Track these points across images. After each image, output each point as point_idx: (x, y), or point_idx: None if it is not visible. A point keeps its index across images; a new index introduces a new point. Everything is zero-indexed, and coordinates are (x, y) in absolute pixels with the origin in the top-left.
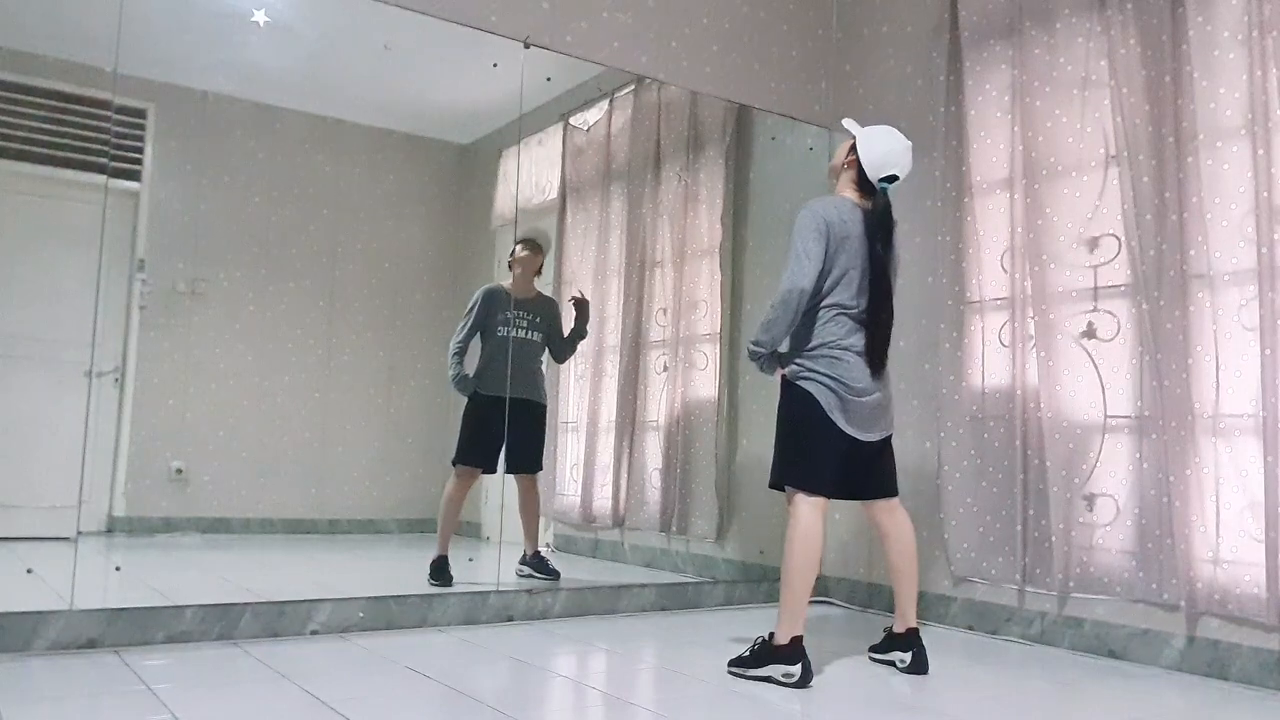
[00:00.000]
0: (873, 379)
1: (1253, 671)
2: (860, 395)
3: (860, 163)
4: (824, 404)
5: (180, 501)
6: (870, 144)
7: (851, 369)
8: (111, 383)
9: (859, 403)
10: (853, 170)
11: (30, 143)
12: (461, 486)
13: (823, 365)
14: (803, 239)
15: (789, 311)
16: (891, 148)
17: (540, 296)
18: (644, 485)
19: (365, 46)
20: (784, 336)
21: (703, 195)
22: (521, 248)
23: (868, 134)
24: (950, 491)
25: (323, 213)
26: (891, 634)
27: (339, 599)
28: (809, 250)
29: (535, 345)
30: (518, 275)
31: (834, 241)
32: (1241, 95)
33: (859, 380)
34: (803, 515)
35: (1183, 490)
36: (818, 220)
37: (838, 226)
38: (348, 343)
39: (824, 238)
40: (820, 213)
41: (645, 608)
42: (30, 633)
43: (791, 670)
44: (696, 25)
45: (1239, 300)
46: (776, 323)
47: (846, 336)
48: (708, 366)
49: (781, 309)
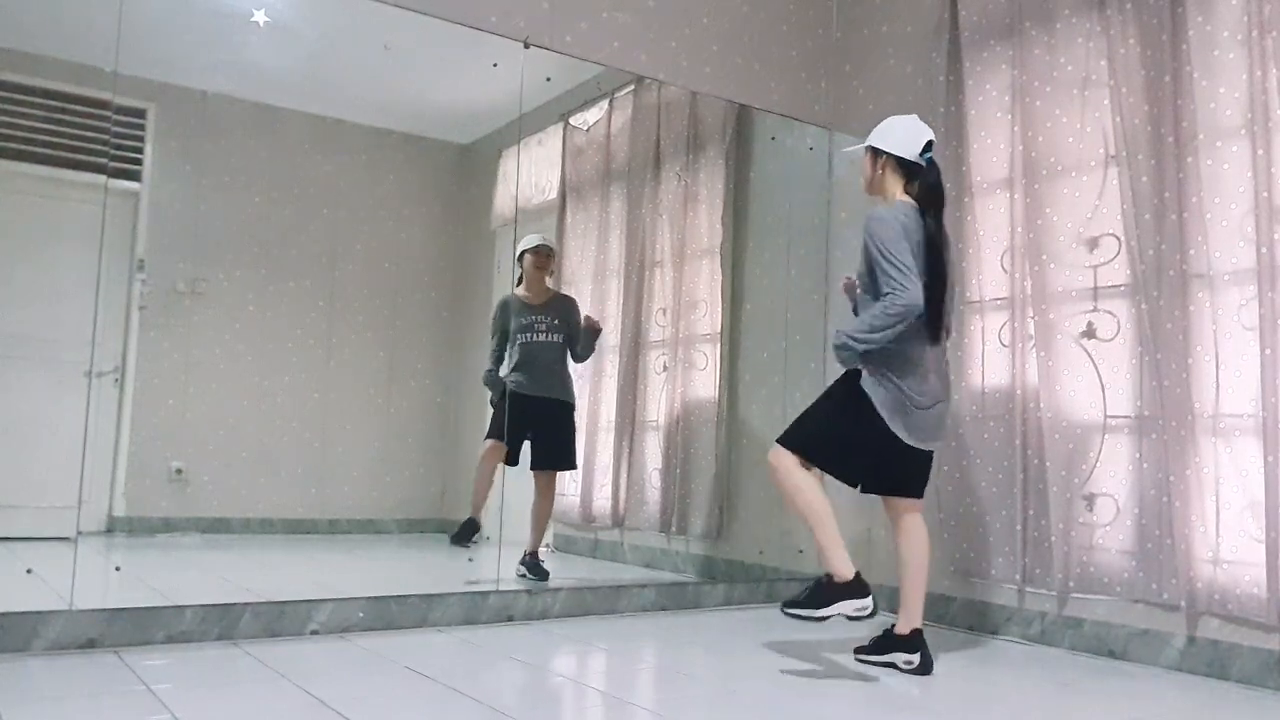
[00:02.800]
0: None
1: (1253, 671)
2: (927, 407)
3: (893, 155)
4: (887, 417)
5: (180, 501)
6: (888, 134)
7: (925, 383)
8: (111, 383)
9: (924, 414)
10: (888, 168)
11: (30, 143)
12: (489, 460)
13: (896, 377)
14: (892, 249)
15: (904, 326)
16: (907, 122)
17: (557, 297)
18: (644, 485)
19: (365, 46)
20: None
21: (703, 195)
22: (530, 255)
23: (880, 131)
24: (950, 491)
25: (323, 213)
26: (892, 635)
27: (339, 599)
28: (906, 261)
29: (557, 346)
30: (533, 279)
31: (911, 247)
32: (1241, 95)
33: (928, 394)
34: (789, 466)
35: (1183, 490)
36: (897, 226)
37: (911, 231)
38: (348, 343)
39: (907, 241)
40: (896, 217)
41: (645, 608)
42: (30, 633)
43: (864, 603)
44: (696, 25)
45: (1239, 300)
46: (887, 331)
47: (917, 347)
48: (707, 366)
49: (897, 322)
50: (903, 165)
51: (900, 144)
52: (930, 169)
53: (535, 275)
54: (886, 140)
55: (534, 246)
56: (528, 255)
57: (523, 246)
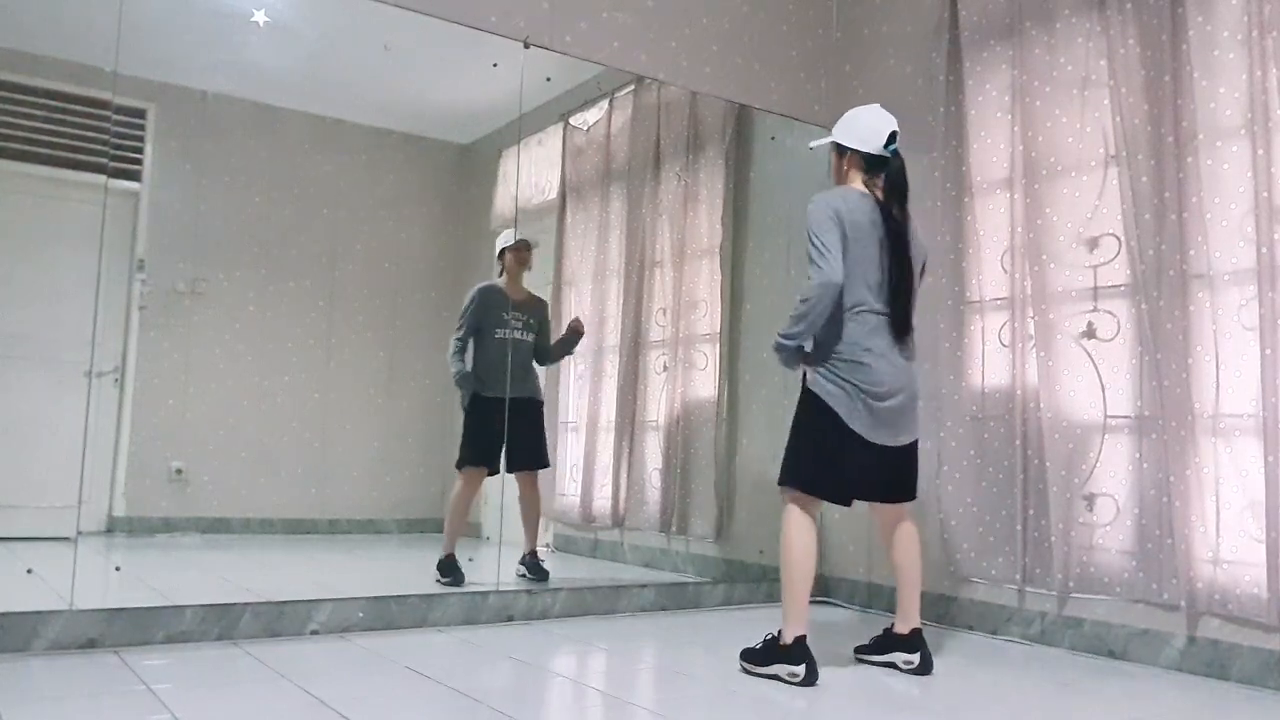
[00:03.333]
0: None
1: (1253, 671)
2: (883, 399)
3: (855, 149)
4: (844, 414)
5: (180, 501)
6: (851, 128)
7: (874, 372)
8: (111, 383)
9: (882, 407)
10: (851, 161)
11: (30, 143)
12: (470, 488)
13: (844, 370)
14: (817, 232)
15: (822, 306)
16: (869, 113)
17: (532, 297)
18: (644, 485)
19: (365, 46)
20: (813, 332)
21: (703, 195)
22: (511, 252)
23: (843, 125)
24: (950, 491)
25: (323, 213)
26: (892, 634)
27: (339, 599)
28: (827, 243)
29: (529, 345)
30: (516, 275)
31: (847, 231)
32: (1241, 95)
33: (881, 384)
34: (794, 516)
35: (1183, 490)
36: (829, 210)
37: (848, 214)
38: (348, 343)
39: (838, 227)
40: (830, 202)
41: (645, 608)
42: (30, 633)
43: (796, 670)
44: (696, 25)
45: (1239, 300)
46: (807, 318)
47: (868, 337)
48: (707, 366)
49: (814, 304)
50: (867, 159)
51: (863, 139)
52: (894, 159)
53: (518, 271)
54: (849, 136)
55: (517, 243)
56: (509, 253)
57: (505, 243)
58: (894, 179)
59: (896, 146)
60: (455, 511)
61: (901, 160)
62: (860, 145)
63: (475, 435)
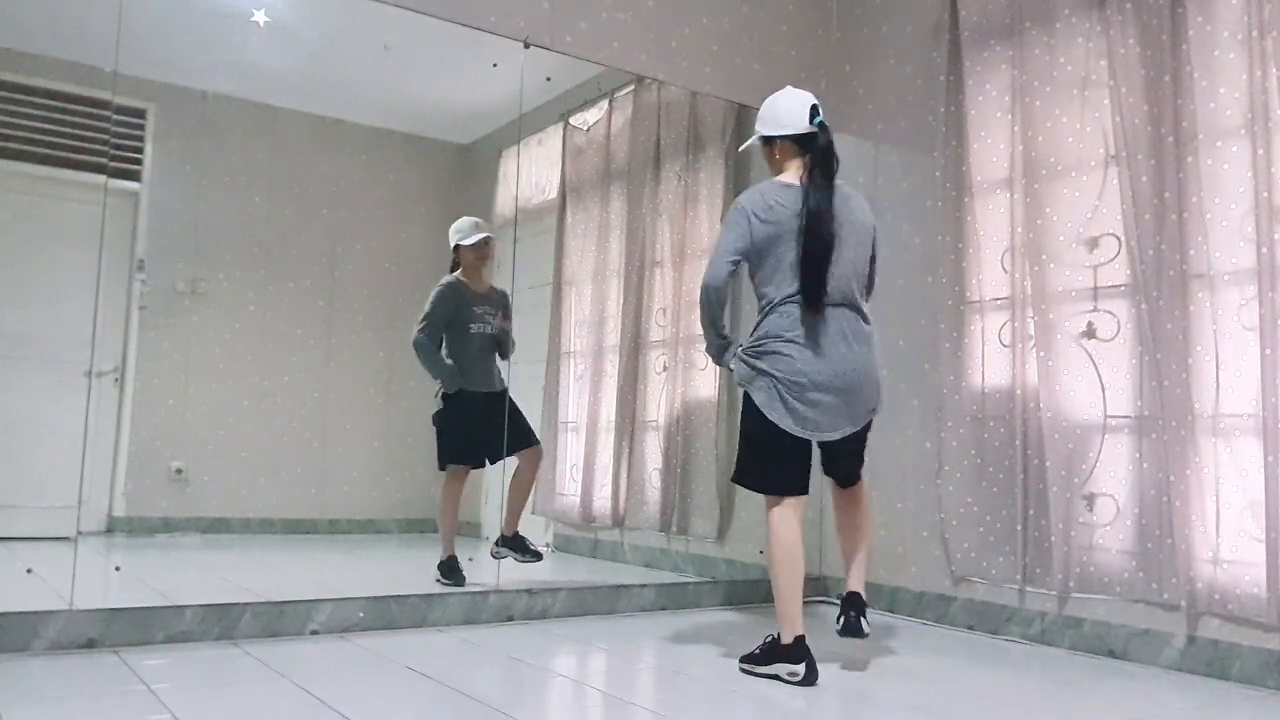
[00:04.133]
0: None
1: (1253, 671)
2: (815, 389)
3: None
4: (771, 413)
5: (180, 501)
6: (772, 117)
7: (795, 362)
8: (111, 383)
9: (815, 398)
10: (783, 150)
11: (30, 143)
12: (456, 486)
13: (765, 363)
14: (722, 233)
15: (706, 309)
16: (785, 96)
17: (493, 289)
18: (644, 485)
19: (365, 46)
20: (712, 332)
21: (703, 195)
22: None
23: (764, 117)
24: (950, 491)
25: (323, 213)
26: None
27: (339, 599)
28: (721, 245)
29: (496, 338)
30: (477, 270)
31: (760, 230)
32: (1241, 95)
33: (805, 374)
34: (773, 516)
35: (1183, 490)
36: (740, 212)
37: (763, 213)
38: (348, 343)
39: (745, 232)
40: (744, 205)
41: (645, 608)
42: (30, 633)
43: (796, 669)
44: (696, 25)
45: (1239, 300)
46: (701, 321)
47: (791, 329)
48: (707, 366)
49: (701, 308)
50: (796, 140)
51: (785, 124)
52: (822, 133)
53: (478, 265)
54: (771, 124)
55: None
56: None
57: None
58: (820, 153)
59: (822, 119)
60: (445, 512)
61: (829, 134)
62: (785, 130)
63: (458, 432)
